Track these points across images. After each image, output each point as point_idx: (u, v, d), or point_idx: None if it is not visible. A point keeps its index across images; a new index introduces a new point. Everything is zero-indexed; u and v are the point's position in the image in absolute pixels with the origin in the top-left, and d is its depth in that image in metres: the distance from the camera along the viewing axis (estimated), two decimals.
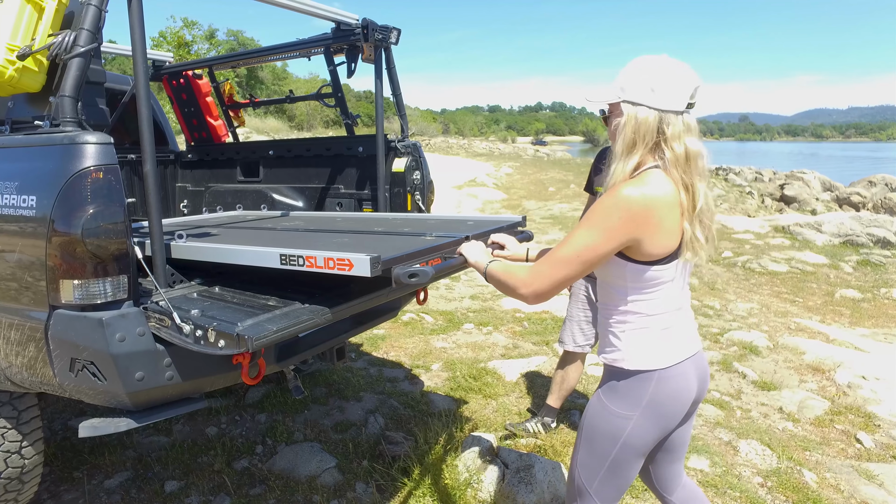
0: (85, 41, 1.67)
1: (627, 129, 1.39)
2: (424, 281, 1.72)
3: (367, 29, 2.89)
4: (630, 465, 1.53)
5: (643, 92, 1.37)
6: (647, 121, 1.37)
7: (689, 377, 1.51)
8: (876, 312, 6.01)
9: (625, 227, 1.34)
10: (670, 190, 1.36)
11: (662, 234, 1.36)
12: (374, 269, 1.59)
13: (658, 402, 1.46)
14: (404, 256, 1.80)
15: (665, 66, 1.38)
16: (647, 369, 1.45)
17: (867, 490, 2.76)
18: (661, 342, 1.47)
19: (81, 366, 1.65)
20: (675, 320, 1.49)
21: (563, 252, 1.40)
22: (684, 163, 1.38)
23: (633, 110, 1.38)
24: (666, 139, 1.38)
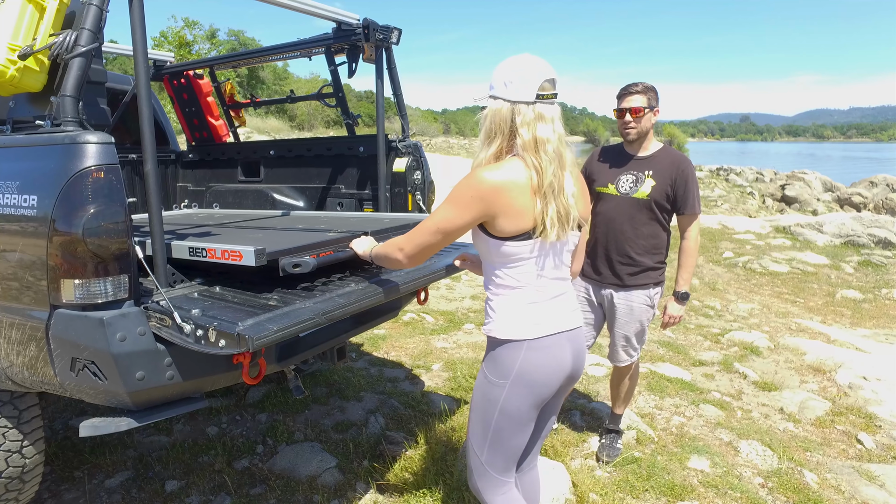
0: (86, 41, 1.67)
1: (487, 120, 1.56)
2: (307, 270, 1.95)
3: (368, 29, 2.89)
4: (511, 433, 1.64)
5: (499, 87, 1.54)
6: (501, 112, 1.54)
7: (562, 351, 1.63)
8: (877, 313, 6.00)
9: (476, 204, 1.51)
10: (523, 175, 1.51)
11: (513, 213, 1.51)
12: (259, 259, 1.82)
13: (527, 371, 1.59)
14: (293, 249, 2.00)
15: (519, 62, 1.54)
16: (516, 339, 1.59)
17: (868, 491, 2.76)
18: (529, 314, 1.60)
19: (82, 365, 1.65)
20: (543, 295, 1.61)
21: (428, 222, 1.62)
22: (533, 148, 1.52)
23: (493, 104, 1.55)
24: (516, 127, 1.53)
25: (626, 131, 2.66)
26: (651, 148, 2.71)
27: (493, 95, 1.55)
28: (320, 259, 2.02)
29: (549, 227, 1.52)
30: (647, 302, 2.74)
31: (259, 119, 28.24)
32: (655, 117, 2.66)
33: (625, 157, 2.75)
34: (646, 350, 4.57)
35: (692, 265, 2.71)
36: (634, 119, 2.61)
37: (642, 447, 3.06)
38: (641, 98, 2.59)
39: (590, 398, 3.67)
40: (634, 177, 2.69)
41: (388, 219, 2.89)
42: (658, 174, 2.64)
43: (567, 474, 2.68)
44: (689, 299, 2.75)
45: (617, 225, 2.71)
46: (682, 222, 2.69)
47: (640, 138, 2.67)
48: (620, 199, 2.70)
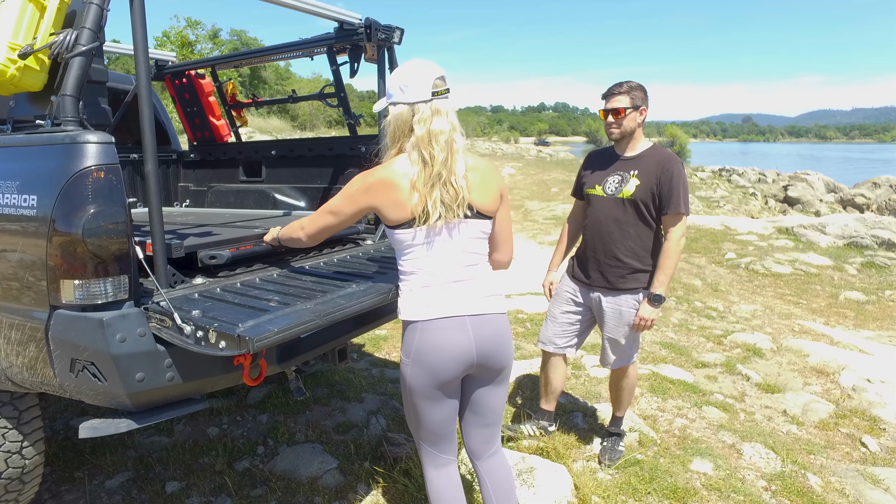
0: (87, 40, 1.66)
1: (391, 126, 1.70)
2: (222, 262, 2.18)
3: (370, 28, 2.88)
4: (422, 408, 1.78)
5: (397, 93, 1.68)
6: (402, 115, 1.68)
7: (457, 335, 1.71)
8: (880, 314, 5.98)
9: (360, 196, 1.73)
10: (404, 170, 1.66)
11: (392, 205, 1.67)
12: (177, 252, 2.02)
13: (422, 350, 1.71)
14: (213, 243, 2.23)
15: (410, 68, 1.68)
16: (412, 319, 1.73)
17: (872, 494, 2.74)
18: (421, 297, 1.72)
19: (82, 366, 1.64)
20: (437, 280, 1.72)
21: (324, 206, 1.86)
22: (426, 141, 1.64)
23: (394, 109, 1.69)
24: (413, 125, 1.66)
25: (610, 131, 2.68)
26: (639, 148, 2.70)
27: (393, 102, 1.69)
28: (238, 252, 2.26)
29: (431, 212, 1.64)
30: (635, 306, 2.69)
31: (261, 119, 28.26)
32: (642, 117, 2.64)
33: (613, 158, 2.75)
34: (648, 351, 4.56)
35: (672, 268, 2.61)
36: (616, 120, 2.62)
37: (644, 449, 3.04)
38: (625, 98, 2.60)
39: (591, 400, 3.65)
40: (620, 177, 2.68)
41: None
42: (643, 173, 2.62)
43: (569, 476, 2.67)
44: (663, 302, 2.66)
45: (604, 226, 2.70)
46: (665, 222, 2.63)
47: (626, 138, 2.67)
48: (606, 199, 2.69)
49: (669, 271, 2.61)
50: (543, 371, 3.08)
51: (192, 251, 2.13)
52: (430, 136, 1.64)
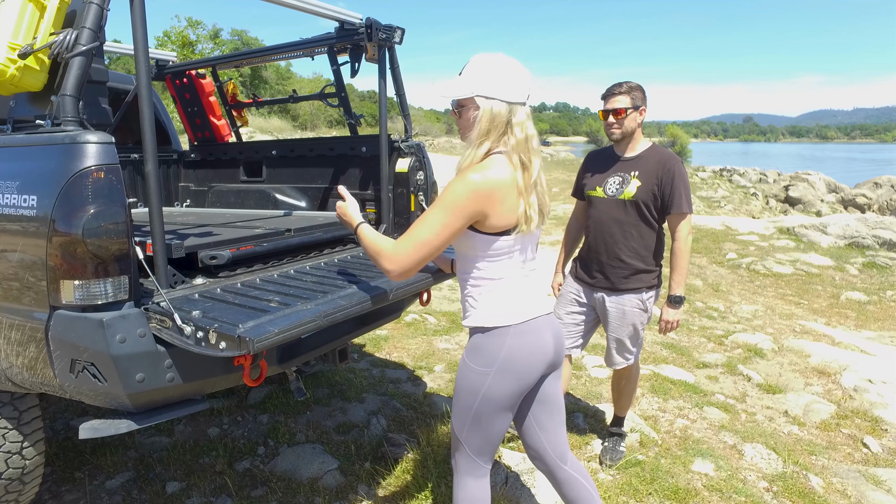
0: (87, 40, 1.66)
1: (483, 121, 1.58)
2: (222, 262, 2.15)
3: (371, 28, 2.88)
4: (492, 418, 1.70)
5: (496, 87, 1.57)
6: (500, 113, 1.58)
7: (544, 334, 1.69)
8: (882, 315, 5.96)
9: (471, 206, 1.55)
10: (510, 173, 1.58)
11: (504, 210, 1.58)
12: (177, 252, 2.02)
13: (513, 356, 1.64)
14: (213, 243, 2.22)
15: (510, 65, 1.59)
16: (503, 325, 1.65)
17: (874, 496, 2.73)
18: (512, 301, 1.67)
19: (82, 367, 1.63)
20: (524, 283, 1.69)
21: (424, 234, 1.59)
22: (524, 145, 1.60)
23: (487, 104, 1.58)
24: (512, 127, 1.59)
25: (611, 132, 2.68)
26: (639, 148, 2.70)
27: (487, 95, 1.57)
28: (238, 252, 2.24)
29: (531, 218, 1.61)
30: (639, 306, 2.70)
31: (262, 119, 28.26)
32: (642, 117, 2.64)
33: (613, 158, 2.75)
34: (649, 352, 4.55)
35: (685, 267, 2.64)
36: (617, 120, 2.62)
37: (646, 450, 3.04)
38: (625, 98, 2.60)
39: (592, 401, 3.64)
40: (621, 178, 2.68)
41: (322, 217, 3.12)
42: (644, 174, 2.62)
43: None
44: (683, 303, 2.70)
45: (606, 227, 2.69)
46: (670, 222, 2.64)
47: (626, 138, 2.67)
48: (608, 201, 2.69)
49: (684, 271, 2.64)
50: None
51: (193, 251, 2.13)
52: (528, 140, 1.61)
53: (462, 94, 1.60)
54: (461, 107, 1.63)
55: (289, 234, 2.63)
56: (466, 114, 1.62)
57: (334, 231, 2.88)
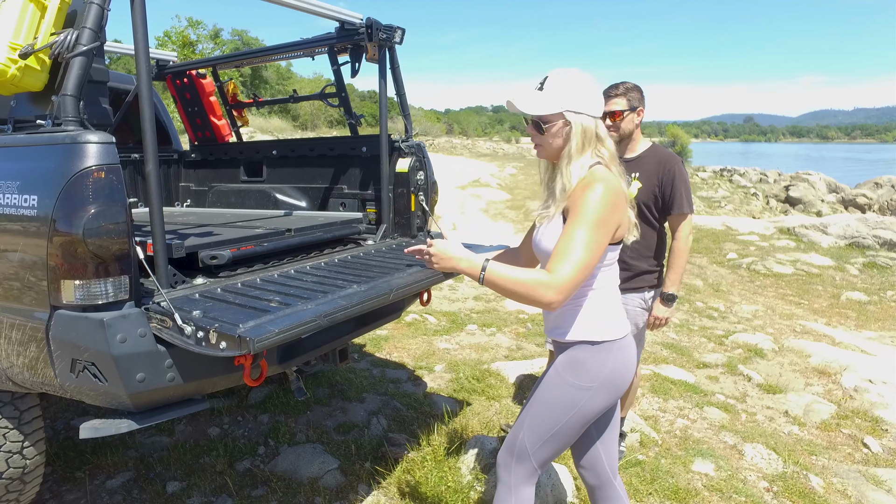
0: (87, 40, 1.66)
1: (577, 135, 1.59)
2: (223, 262, 2.17)
3: (372, 28, 2.88)
4: (575, 432, 1.67)
5: (582, 102, 1.59)
6: (589, 128, 1.60)
7: (633, 347, 1.71)
8: (882, 315, 5.96)
9: (614, 217, 1.55)
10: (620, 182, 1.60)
11: (623, 219, 1.60)
12: (178, 252, 2.03)
13: (617, 371, 1.63)
14: (213, 243, 2.23)
15: (589, 79, 1.62)
16: (610, 339, 1.62)
17: (875, 496, 2.73)
18: (616, 314, 1.67)
19: (82, 366, 1.63)
20: (617, 295, 1.71)
21: (585, 257, 1.49)
22: (614, 157, 1.64)
23: (577, 119, 1.59)
24: (602, 141, 1.63)
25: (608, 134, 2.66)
26: (639, 149, 2.69)
27: (576, 111, 1.58)
28: (238, 252, 2.25)
29: (636, 227, 1.67)
30: (641, 305, 2.69)
31: (262, 119, 28.27)
32: (640, 117, 2.64)
33: None
34: (649, 352, 4.55)
35: (682, 266, 2.64)
36: (614, 123, 2.62)
37: (646, 450, 3.04)
38: (622, 101, 2.60)
39: None
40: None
41: (322, 217, 3.14)
42: (644, 175, 2.62)
43: (570, 477, 2.66)
44: (676, 301, 2.70)
45: None
46: (672, 222, 2.65)
47: (624, 140, 2.67)
48: None
49: (680, 270, 2.63)
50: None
51: (193, 251, 2.14)
52: (614, 154, 1.65)
53: (550, 110, 1.58)
54: (546, 122, 1.60)
55: (289, 234, 2.63)
56: (552, 129, 1.61)
57: (335, 231, 2.88)
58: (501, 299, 6.07)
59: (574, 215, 1.52)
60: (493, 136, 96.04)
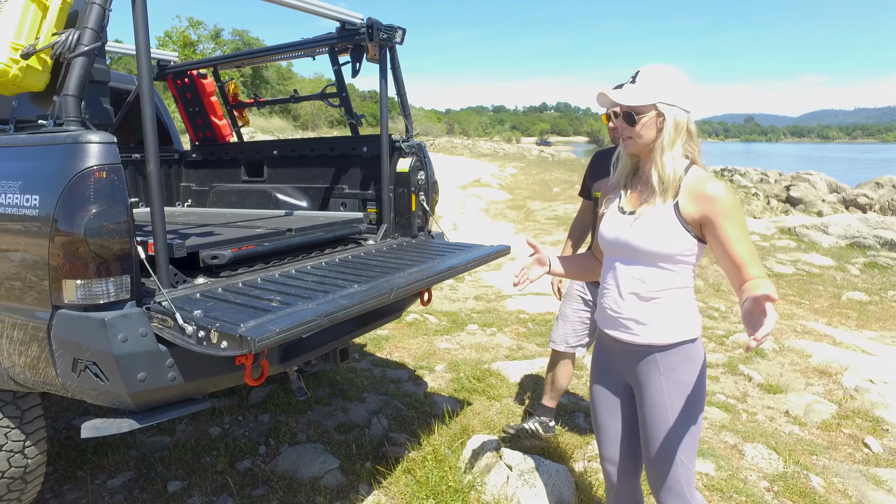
0: (89, 40, 1.67)
1: (669, 128, 1.59)
2: (224, 262, 2.18)
3: (372, 28, 2.88)
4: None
5: (676, 95, 1.59)
6: (681, 121, 1.60)
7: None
8: (883, 315, 5.96)
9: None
10: None
11: None
12: (179, 252, 2.04)
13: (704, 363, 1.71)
14: (214, 243, 2.24)
15: (682, 74, 1.62)
16: (699, 335, 1.69)
17: (876, 496, 2.73)
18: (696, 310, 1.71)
19: (84, 366, 1.64)
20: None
21: (753, 247, 1.60)
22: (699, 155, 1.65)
23: (671, 111, 1.59)
24: (692, 136, 1.63)
25: (613, 136, 2.68)
26: None
27: (669, 102, 1.59)
28: (239, 252, 2.26)
29: None
30: None
31: (263, 119, 28.29)
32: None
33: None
34: None
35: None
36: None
37: None
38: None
39: None
40: None
41: (323, 217, 3.15)
42: None
43: (571, 477, 2.66)
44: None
45: None
46: None
47: None
48: None
49: None
50: (551, 370, 3.10)
51: (194, 251, 2.14)
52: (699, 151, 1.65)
53: (643, 101, 1.60)
54: (638, 114, 1.61)
55: (290, 234, 2.64)
56: (644, 120, 1.61)
57: (335, 231, 2.89)
58: (502, 299, 6.07)
59: (729, 218, 1.57)
60: (494, 136, 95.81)
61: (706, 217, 1.58)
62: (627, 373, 1.77)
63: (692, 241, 1.61)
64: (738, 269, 1.56)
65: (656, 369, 1.67)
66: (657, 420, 1.68)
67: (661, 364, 1.66)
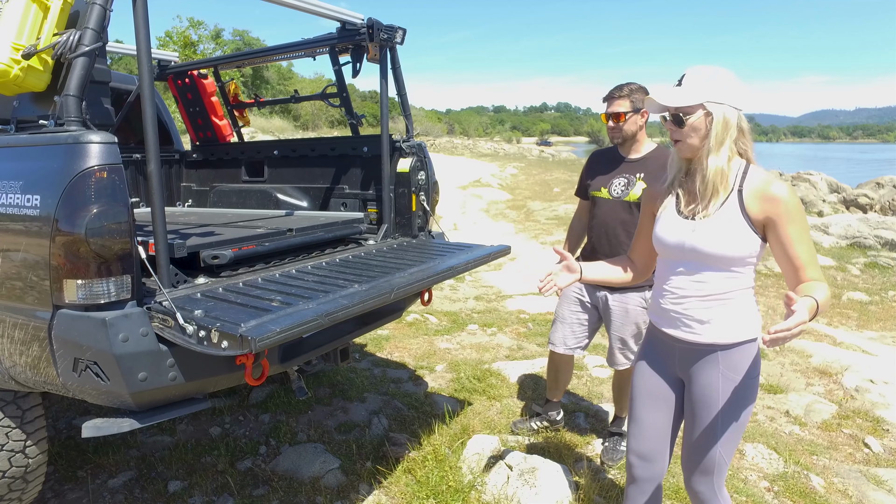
0: (90, 40, 1.67)
1: (718, 126, 1.59)
2: (224, 262, 2.19)
3: (373, 28, 2.88)
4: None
5: (725, 93, 1.58)
6: (730, 119, 1.59)
7: None
8: (884, 315, 5.96)
9: None
10: None
11: None
12: (180, 252, 2.05)
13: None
14: (215, 243, 2.25)
15: (729, 73, 1.61)
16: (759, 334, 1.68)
17: (876, 496, 2.73)
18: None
19: (85, 366, 1.64)
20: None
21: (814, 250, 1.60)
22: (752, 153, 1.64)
23: (719, 109, 1.58)
24: (744, 133, 1.62)
25: (612, 136, 2.71)
26: (644, 149, 2.71)
27: (716, 101, 1.58)
28: (240, 252, 2.27)
29: None
30: (642, 304, 2.71)
31: (263, 119, 28.31)
32: (644, 119, 2.66)
33: (617, 159, 2.77)
34: None
35: None
36: (617, 124, 2.64)
37: None
38: (625, 102, 2.62)
39: (593, 400, 3.65)
40: (626, 180, 2.70)
41: (323, 217, 3.15)
42: (649, 176, 2.63)
43: (571, 477, 2.67)
44: None
45: (611, 229, 2.72)
46: None
47: (628, 141, 2.69)
48: (613, 202, 2.71)
49: None
50: (552, 371, 3.11)
51: (195, 251, 2.15)
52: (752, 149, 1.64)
53: (690, 102, 1.60)
54: (686, 115, 1.61)
55: (290, 234, 2.64)
56: (692, 121, 1.61)
57: (336, 231, 2.89)
58: (503, 300, 6.07)
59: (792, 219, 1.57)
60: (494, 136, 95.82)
61: (769, 218, 1.58)
62: (682, 370, 1.79)
63: (758, 242, 1.61)
64: (797, 270, 1.58)
65: (716, 367, 1.69)
66: (707, 416, 1.71)
67: (722, 363, 1.68)
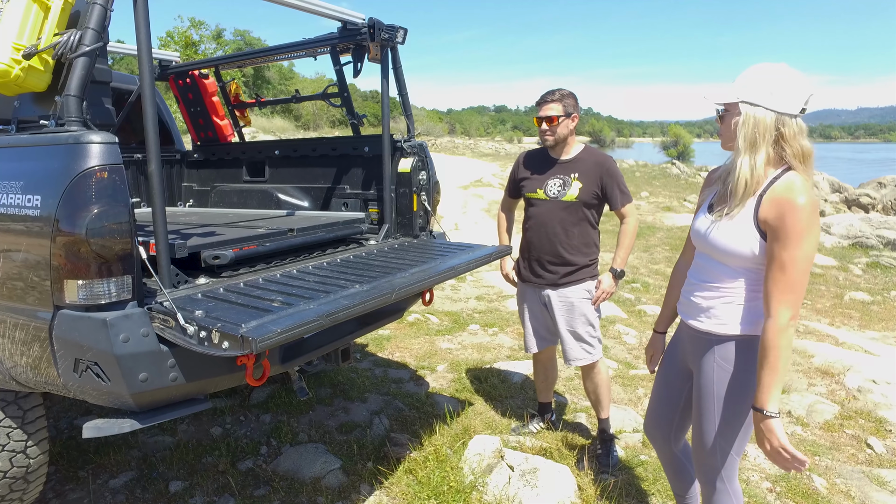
0: (90, 40, 1.67)
1: (747, 128, 1.54)
2: (225, 262, 2.18)
3: (374, 28, 2.88)
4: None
5: (762, 94, 1.53)
6: (763, 121, 1.53)
7: None
8: (886, 315, 5.94)
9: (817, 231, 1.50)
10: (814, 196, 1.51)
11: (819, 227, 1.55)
12: (181, 252, 2.04)
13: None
14: (216, 243, 2.25)
15: (785, 72, 1.54)
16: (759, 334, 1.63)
17: (879, 496, 2.72)
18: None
19: (85, 366, 1.64)
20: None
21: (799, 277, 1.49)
22: (801, 159, 1.54)
23: (751, 110, 1.53)
24: (784, 139, 1.53)
25: (545, 138, 2.79)
26: (573, 151, 2.82)
27: (752, 102, 1.54)
28: (241, 252, 2.26)
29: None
30: (585, 295, 2.82)
31: (264, 119, 28.31)
32: (574, 123, 2.77)
33: (549, 161, 2.86)
34: None
35: (630, 245, 2.81)
36: (550, 127, 2.73)
37: (648, 450, 3.03)
38: (557, 106, 2.71)
39: None
40: (561, 180, 2.79)
41: (325, 217, 3.15)
42: (584, 175, 2.75)
43: (573, 477, 2.66)
44: (623, 277, 2.87)
45: (549, 228, 2.80)
46: (622, 212, 2.80)
47: (560, 144, 2.79)
48: (550, 202, 2.79)
49: (629, 249, 2.83)
50: (539, 373, 3.18)
51: (196, 251, 2.14)
52: (804, 155, 1.54)
53: (725, 99, 1.56)
54: (726, 112, 1.59)
55: (291, 234, 2.64)
56: (728, 119, 1.59)
57: (337, 231, 2.89)
58: (504, 299, 6.07)
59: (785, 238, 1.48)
60: (496, 136, 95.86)
61: (767, 221, 1.53)
62: (692, 358, 1.83)
63: (759, 244, 1.57)
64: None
65: (712, 357, 1.73)
66: (703, 406, 1.76)
67: (717, 353, 1.72)
